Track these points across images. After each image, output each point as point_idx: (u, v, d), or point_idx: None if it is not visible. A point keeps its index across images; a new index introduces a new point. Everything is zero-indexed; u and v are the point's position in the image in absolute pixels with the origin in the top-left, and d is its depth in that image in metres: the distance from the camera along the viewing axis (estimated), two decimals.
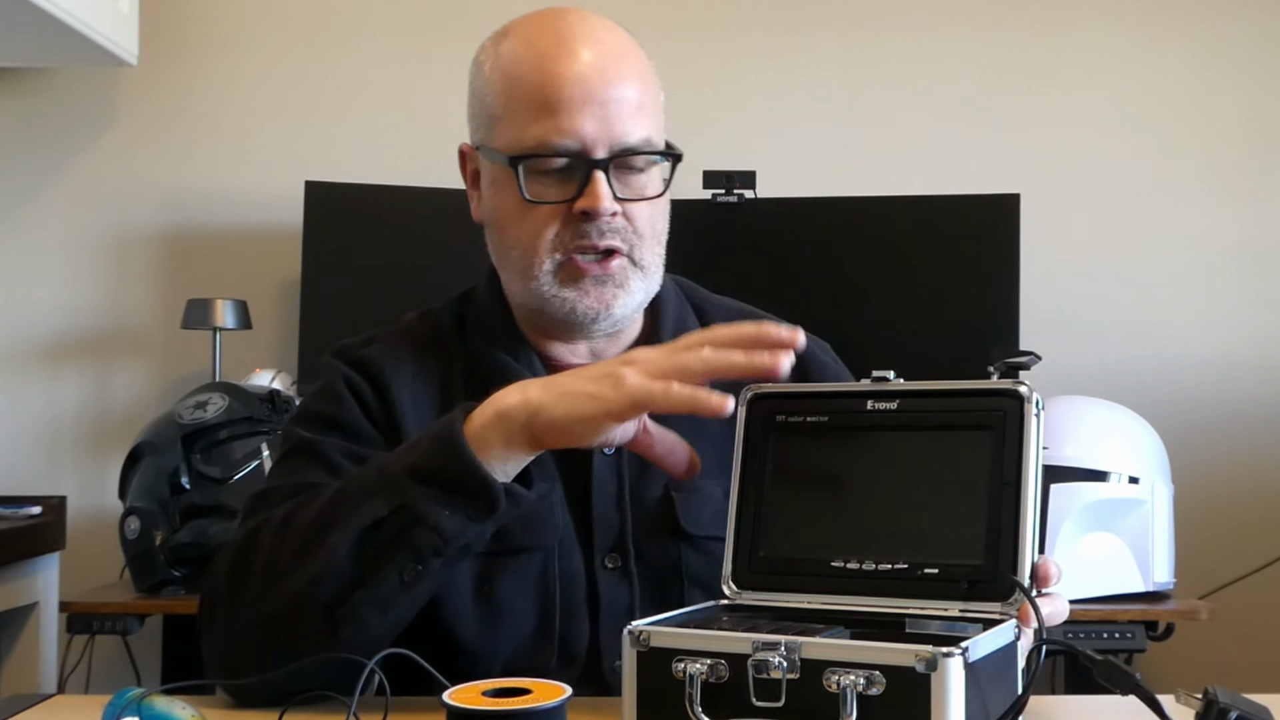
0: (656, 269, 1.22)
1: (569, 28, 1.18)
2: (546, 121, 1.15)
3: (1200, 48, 3.05)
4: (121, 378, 3.03)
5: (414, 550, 1.01)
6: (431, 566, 1.02)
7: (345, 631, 1.02)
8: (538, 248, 1.17)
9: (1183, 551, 2.53)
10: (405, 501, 1.01)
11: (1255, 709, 0.86)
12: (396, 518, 1.01)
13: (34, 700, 1.07)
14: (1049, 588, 0.93)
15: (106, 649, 2.81)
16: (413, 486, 1.01)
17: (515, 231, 1.19)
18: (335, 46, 3.08)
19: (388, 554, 1.02)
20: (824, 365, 1.30)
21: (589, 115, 1.14)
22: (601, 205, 1.15)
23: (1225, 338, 3.00)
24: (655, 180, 1.20)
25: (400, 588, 1.02)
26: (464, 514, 1.01)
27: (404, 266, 2.81)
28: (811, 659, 0.80)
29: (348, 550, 1.02)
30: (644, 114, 1.17)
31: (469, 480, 1.00)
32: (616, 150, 1.15)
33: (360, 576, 1.02)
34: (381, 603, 1.02)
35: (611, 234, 1.16)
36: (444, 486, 1.00)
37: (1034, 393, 0.92)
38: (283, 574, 1.04)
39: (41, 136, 3.06)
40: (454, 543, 1.01)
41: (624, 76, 1.16)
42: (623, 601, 1.17)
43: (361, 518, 1.02)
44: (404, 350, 1.24)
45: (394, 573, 1.02)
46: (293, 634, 1.03)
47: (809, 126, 3.06)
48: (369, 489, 1.04)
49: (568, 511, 1.18)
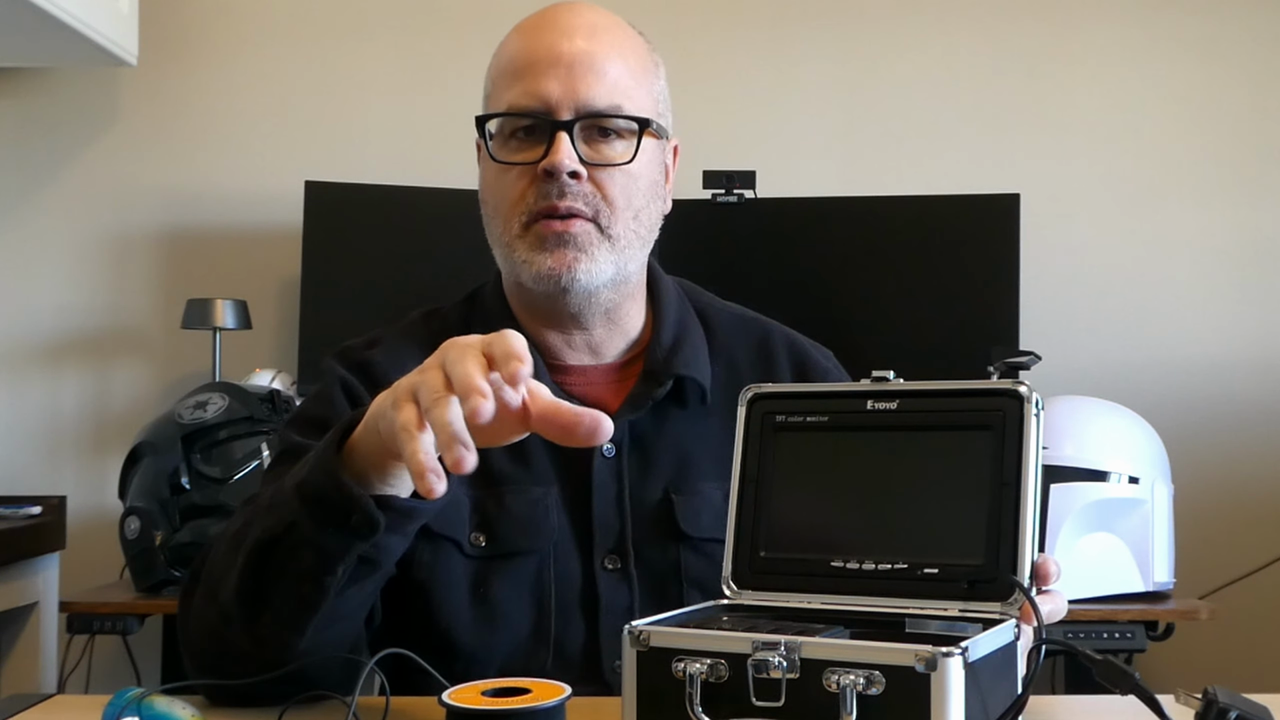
0: (632, 243, 1.20)
1: (557, 11, 1.21)
2: (517, 86, 1.18)
3: (1200, 48, 3.05)
4: (121, 378, 3.03)
5: (305, 570, 0.97)
6: (326, 585, 0.97)
7: (268, 649, 0.99)
8: (509, 211, 1.19)
9: (1183, 551, 2.53)
10: (294, 520, 0.96)
11: (1255, 709, 0.86)
12: (288, 536, 0.97)
13: (34, 700, 1.07)
14: (1048, 585, 0.93)
15: (106, 649, 2.81)
16: (298, 505, 0.96)
17: (493, 199, 1.21)
18: (335, 46, 3.08)
19: (285, 573, 0.98)
20: (826, 372, 1.30)
21: (554, 78, 1.16)
22: (559, 161, 1.15)
23: (1225, 338, 3.00)
24: (630, 151, 1.19)
25: (303, 607, 0.98)
26: (346, 533, 0.95)
27: (404, 266, 2.81)
28: (811, 659, 0.80)
29: (251, 570, 0.99)
30: (619, 87, 1.18)
31: (341, 498, 0.94)
32: (582, 112, 1.17)
33: (265, 596, 0.99)
34: (290, 622, 0.99)
35: (574, 196, 1.17)
36: (322, 505, 0.95)
37: (1034, 393, 0.91)
38: (215, 587, 1.04)
39: (41, 136, 3.06)
40: (341, 562, 0.96)
41: (600, 47, 1.18)
42: (622, 603, 1.17)
43: (261, 535, 0.99)
44: (408, 351, 1.24)
45: (292, 593, 0.98)
46: (230, 645, 1.02)
47: (809, 126, 3.06)
48: (270, 505, 1.01)
49: (566, 514, 1.18)
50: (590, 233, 1.18)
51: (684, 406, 1.23)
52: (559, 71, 1.16)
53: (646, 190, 1.21)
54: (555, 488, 1.19)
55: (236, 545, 1.02)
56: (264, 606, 0.99)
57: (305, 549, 0.96)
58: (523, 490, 1.18)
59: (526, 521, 1.17)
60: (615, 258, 1.19)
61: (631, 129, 1.19)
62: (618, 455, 1.20)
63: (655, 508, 1.20)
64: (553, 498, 1.18)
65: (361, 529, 0.95)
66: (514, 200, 1.18)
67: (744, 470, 1.00)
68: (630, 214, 1.19)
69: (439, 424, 0.83)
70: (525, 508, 1.18)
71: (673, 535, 1.19)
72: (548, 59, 1.17)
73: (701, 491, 1.20)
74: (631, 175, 1.19)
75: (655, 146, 1.22)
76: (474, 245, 1.30)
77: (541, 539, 1.17)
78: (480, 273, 1.32)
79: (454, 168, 2.70)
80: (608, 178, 1.18)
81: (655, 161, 1.23)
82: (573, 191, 1.16)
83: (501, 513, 1.17)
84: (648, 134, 1.20)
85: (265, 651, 0.99)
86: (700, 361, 1.25)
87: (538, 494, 1.18)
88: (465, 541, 1.16)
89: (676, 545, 1.19)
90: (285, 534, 0.97)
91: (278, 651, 0.99)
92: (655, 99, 1.23)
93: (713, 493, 1.19)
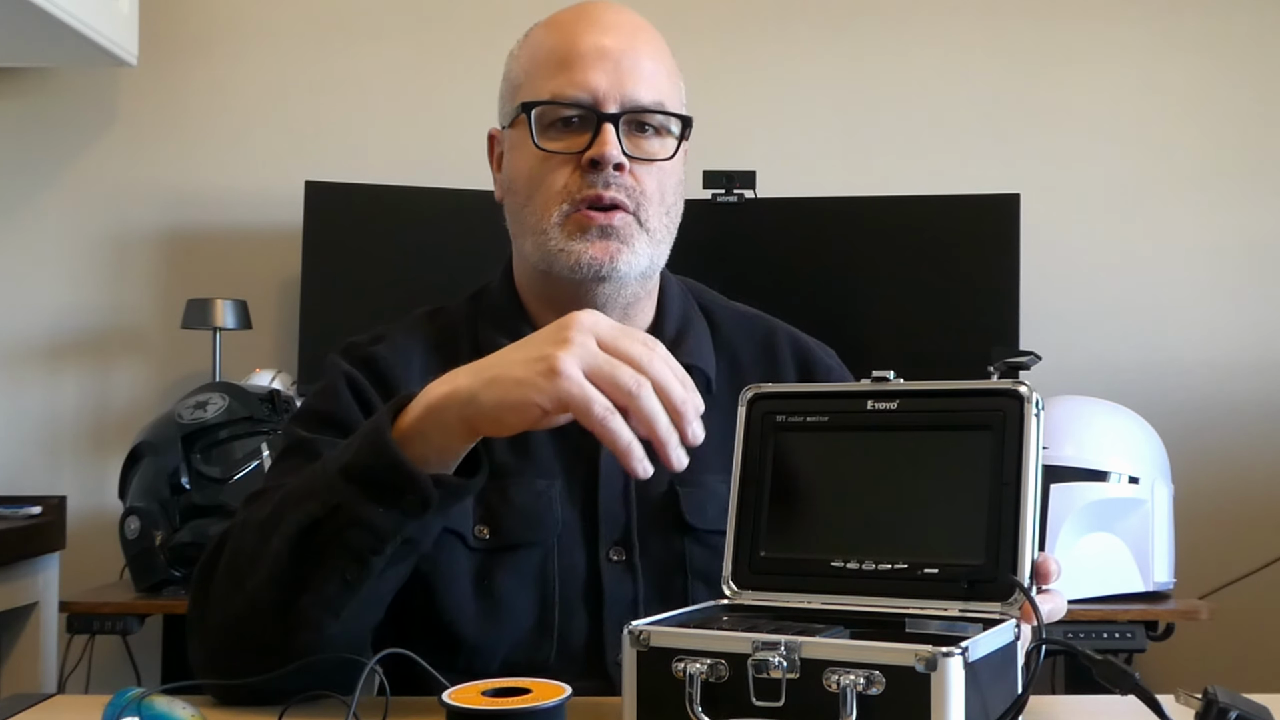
0: (664, 238, 1.23)
1: (594, 7, 1.24)
2: (561, 76, 1.19)
3: (1200, 48, 3.05)
4: (121, 378, 3.03)
5: (351, 550, 0.99)
6: (373, 566, 1.00)
7: (300, 636, 1.01)
8: (547, 199, 1.20)
9: (1183, 551, 2.53)
10: (339, 502, 0.99)
11: (1255, 709, 0.86)
12: (332, 519, 0.99)
13: (34, 700, 1.07)
14: (1049, 584, 0.93)
15: (106, 649, 2.81)
16: (345, 486, 0.99)
17: (529, 187, 1.21)
18: (335, 46, 3.08)
19: (328, 555, 1.00)
20: (829, 370, 1.31)
21: (602, 70, 1.18)
22: (608, 152, 1.17)
23: (1225, 338, 3.00)
24: (668, 147, 1.22)
25: (345, 588, 1.01)
26: (398, 511, 0.99)
27: (404, 266, 2.81)
28: (811, 659, 0.80)
29: (289, 554, 1.01)
30: (658, 82, 1.21)
31: (397, 477, 0.98)
32: (628, 107, 1.19)
33: (304, 579, 1.01)
34: (329, 605, 1.01)
35: (618, 188, 1.18)
36: (374, 485, 0.98)
37: (1034, 393, 0.92)
38: (240, 577, 1.04)
39: (41, 136, 3.06)
40: (390, 540, 1.00)
41: (641, 45, 1.21)
42: (627, 595, 1.17)
43: (300, 519, 1.01)
44: (413, 347, 1.24)
45: (336, 574, 1.00)
46: (254, 637, 1.03)
47: (809, 126, 3.06)
48: (307, 490, 1.02)
49: (570, 506, 1.19)
50: (631, 224, 1.19)
51: None
52: (606, 65, 1.18)
53: (675, 187, 1.24)
54: (559, 480, 1.19)
55: (265, 533, 1.03)
56: (301, 590, 1.01)
57: (353, 529, 0.99)
58: (527, 482, 1.18)
59: (530, 514, 1.17)
60: (651, 250, 1.21)
61: (671, 126, 1.22)
62: None
63: (660, 500, 1.20)
64: (557, 490, 1.19)
65: (414, 507, 0.98)
66: (556, 189, 1.19)
67: (744, 470, 1.00)
68: (664, 209, 1.22)
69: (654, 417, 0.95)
70: (529, 500, 1.18)
71: (678, 527, 1.19)
72: (595, 52, 1.19)
73: (706, 484, 1.20)
74: (667, 171, 1.22)
75: (684, 147, 1.25)
76: (474, 245, 1.30)
77: (545, 531, 1.17)
78: (480, 272, 1.32)
79: (454, 168, 2.70)
80: (647, 172, 1.20)
81: (682, 161, 1.26)
82: (617, 183, 1.18)
83: (505, 505, 1.17)
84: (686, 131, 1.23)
85: (293, 640, 1.01)
86: (705, 352, 1.26)
87: (542, 486, 1.19)
88: (469, 534, 1.16)
89: (681, 537, 1.19)
90: (328, 517, 0.99)
91: (307, 637, 1.01)
92: (682, 100, 1.26)
93: (718, 485, 1.19)
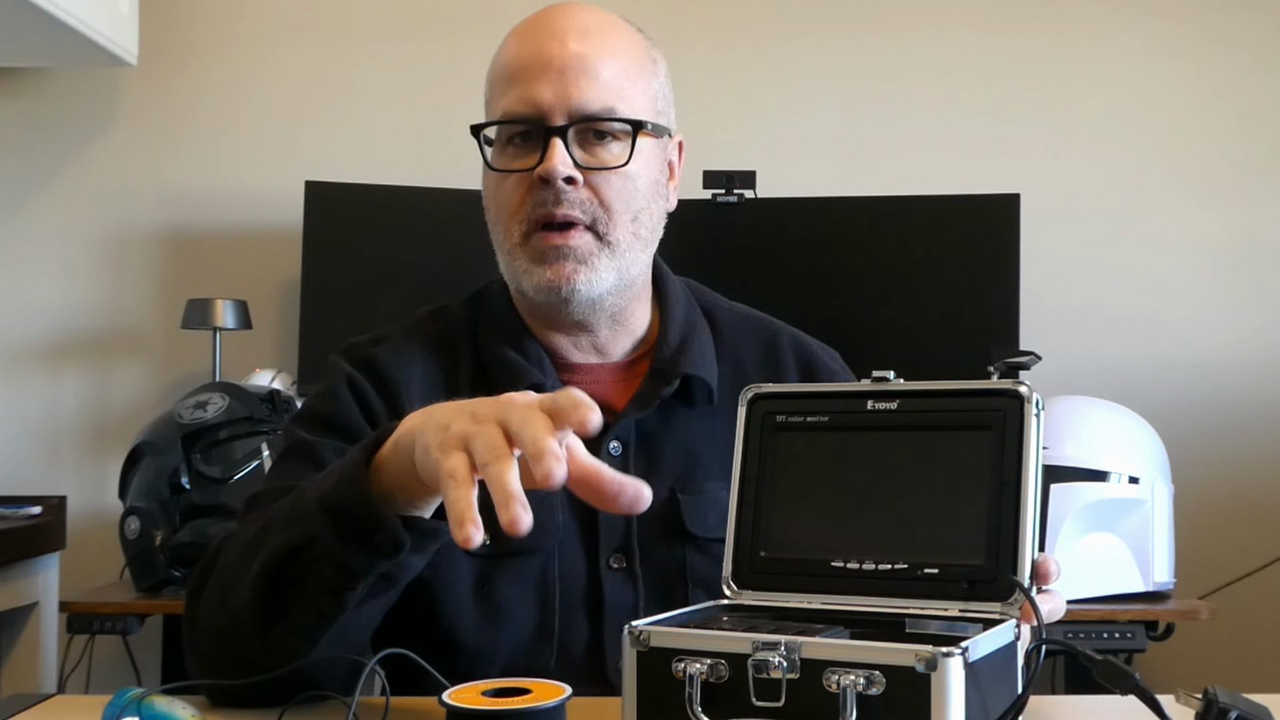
0: (632, 249, 1.20)
1: (551, 13, 1.21)
2: (510, 92, 1.18)
3: (1200, 48, 3.05)
4: (121, 378, 3.03)
5: (325, 584, 0.97)
6: (346, 601, 0.97)
7: (277, 659, 0.99)
8: (506, 220, 1.19)
9: (1183, 551, 2.53)
10: (315, 533, 0.96)
11: (1255, 709, 0.86)
12: (309, 549, 0.97)
13: (34, 700, 1.07)
14: (1048, 585, 0.93)
15: (106, 649, 2.81)
16: (321, 519, 0.96)
17: (492, 207, 1.22)
18: (335, 46, 3.08)
19: (303, 586, 0.98)
20: (832, 373, 1.30)
21: (545, 83, 1.16)
22: (553, 168, 1.14)
23: (1226, 338, 3.00)
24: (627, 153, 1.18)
25: (319, 620, 0.98)
26: (369, 551, 0.95)
27: (404, 266, 2.81)
28: (811, 659, 0.80)
29: (266, 580, 0.99)
30: (612, 88, 1.17)
31: (368, 517, 0.94)
32: (575, 117, 1.16)
33: (281, 606, 0.99)
34: (303, 634, 0.99)
35: (570, 204, 1.16)
36: (347, 521, 0.95)
37: (1034, 393, 0.91)
38: (225, 594, 1.03)
39: (41, 136, 3.06)
40: (364, 578, 0.96)
41: (593, 50, 1.17)
42: (627, 602, 1.17)
43: (279, 546, 0.98)
44: (414, 349, 1.24)
45: (309, 606, 0.98)
46: (239, 651, 1.02)
47: (809, 126, 3.06)
48: (291, 514, 1.00)
49: (571, 513, 1.18)
50: (588, 242, 1.17)
51: (691, 406, 1.23)
52: (550, 76, 1.16)
53: (646, 191, 1.20)
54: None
55: (252, 552, 1.01)
56: (278, 617, 0.99)
57: (326, 563, 0.96)
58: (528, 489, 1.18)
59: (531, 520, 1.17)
60: (616, 264, 1.19)
61: (626, 131, 1.18)
62: (624, 454, 1.20)
63: (661, 507, 1.19)
64: (558, 496, 1.18)
65: (386, 548, 0.95)
66: (513, 209, 1.18)
67: (744, 470, 1.00)
68: (629, 217, 1.19)
69: (499, 483, 0.82)
70: (530, 506, 1.17)
71: (679, 535, 1.19)
72: (539, 63, 1.16)
73: (707, 491, 1.20)
74: (629, 177, 1.18)
75: (654, 145, 1.22)
76: (474, 245, 1.30)
77: (546, 538, 1.16)
78: (481, 273, 1.32)
79: (454, 168, 2.70)
80: (604, 182, 1.17)
81: (655, 161, 1.22)
82: (569, 199, 1.16)
83: None
84: (643, 134, 1.19)
85: (274, 659, 0.99)
86: (707, 361, 1.25)
87: (543, 492, 1.17)
88: None
89: (682, 545, 1.19)
90: (306, 546, 0.97)
91: (287, 660, 0.99)
92: (653, 97, 1.22)
93: (719, 492, 1.18)
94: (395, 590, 1.03)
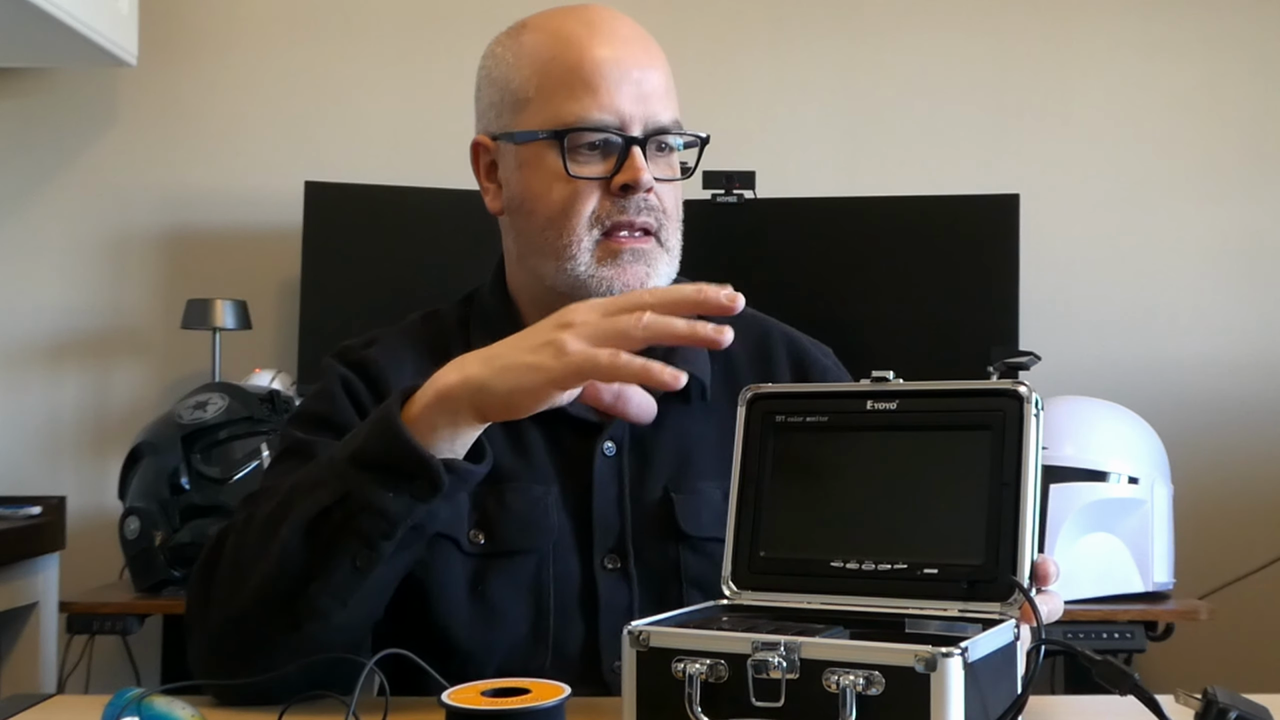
0: (678, 254, 1.24)
1: (597, 15, 1.22)
2: (586, 99, 1.18)
3: (1200, 47, 3.05)
4: (121, 378, 3.03)
5: (362, 536, 1.00)
6: (382, 550, 1.01)
7: (307, 625, 1.02)
8: (576, 225, 1.19)
9: (1183, 551, 2.53)
10: (350, 489, 1.00)
11: (1255, 709, 0.86)
12: (342, 506, 1.00)
13: (34, 700, 1.07)
14: (1047, 586, 0.93)
15: (106, 649, 2.81)
16: (356, 473, 1.00)
17: (549, 210, 1.20)
18: (335, 46, 3.08)
19: (337, 542, 1.01)
20: (825, 370, 1.30)
21: (626, 94, 1.18)
22: (642, 178, 1.18)
23: (1225, 337, 3.00)
24: (678, 164, 1.24)
25: (354, 574, 1.02)
26: (408, 495, 1.00)
27: (404, 266, 2.82)
28: (811, 659, 0.80)
29: (298, 542, 1.02)
30: (670, 98, 1.22)
31: (408, 462, 0.99)
32: (651, 129, 1.19)
33: (313, 567, 1.02)
34: (337, 591, 1.02)
35: (647, 211, 1.19)
36: (385, 470, 0.99)
37: (1034, 393, 0.92)
38: (244, 572, 1.05)
39: (41, 136, 3.06)
40: (400, 524, 1.01)
41: (652, 61, 1.21)
42: (622, 602, 1.17)
43: (309, 508, 1.02)
44: (405, 351, 1.24)
45: (345, 560, 1.01)
46: (259, 631, 1.03)
47: (809, 126, 3.06)
48: (316, 480, 1.03)
49: (565, 513, 1.18)
50: (654, 247, 1.21)
51: (684, 404, 1.23)
52: (629, 86, 1.18)
53: (682, 199, 1.26)
54: (555, 486, 1.19)
55: (271, 528, 1.04)
56: (309, 579, 1.02)
57: (364, 515, 1.00)
58: (523, 488, 1.18)
59: (526, 520, 1.17)
60: (670, 269, 1.22)
61: (691, 143, 1.24)
62: (618, 454, 1.20)
63: (655, 507, 1.20)
64: (553, 496, 1.18)
65: (424, 491, 0.99)
66: (586, 214, 1.18)
67: (744, 470, 1.00)
68: (679, 224, 1.24)
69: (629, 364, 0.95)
70: (525, 506, 1.18)
71: (673, 535, 1.19)
72: (615, 71, 1.18)
73: (701, 490, 1.20)
74: (678, 188, 1.24)
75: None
76: (474, 245, 1.30)
77: (541, 538, 1.17)
78: (480, 273, 1.32)
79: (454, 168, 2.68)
80: (668, 191, 1.22)
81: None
82: (646, 206, 1.19)
83: (501, 511, 1.17)
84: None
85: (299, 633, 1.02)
86: (700, 358, 1.25)
87: (538, 492, 1.18)
88: (464, 539, 1.16)
89: (676, 545, 1.19)
90: (338, 504, 1.00)
91: (313, 628, 1.02)
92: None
93: (712, 491, 1.19)
94: (421, 544, 1.06)
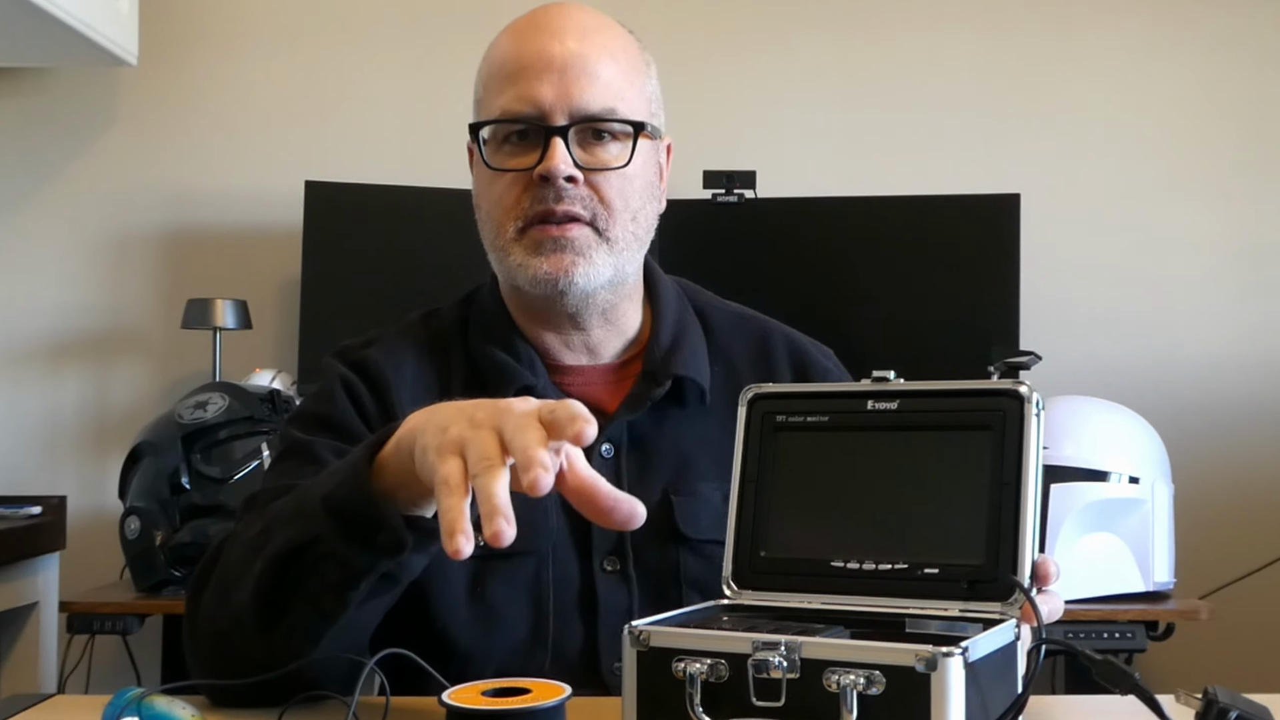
0: (629, 245, 1.20)
1: (547, 13, 1.21)
2: (509, 91, 1.18)
3: (1201, 47, 3.05)
4: (121, 378, 3.03)
5: (328, 583, 0.97)
6: (348, 600, 0.98)
7: (280, 657, 0.99)
8: (502, 216, 1.19)
9: (1183, 551, 2.53)
10: (319, 533, 0.96)
11: (1255, 709, 0.86)
12: (312, 548, 0.97)
13: (34, 700, 1.07)
14: (1048, 586, 0.93)
15: (106, 649, 2.81)
16: (324, 519, 0.96)
17: (486, 205, 1.22)
18: (335, 46, 3.08)
19: (306, 585, 0.98)
20: (825, 371, 1.30)
21: (547, 82, 1.16)
22: (555, 167, 1.15)
23: (1225, 337, 3.01)
24: (627, 154, 1.19)
25: (321, 619, 0.99)
26: (372, 550, 0.95)
27: (404, 266, 2.82)
28: (811, 659, 0.80)
29: (269, 579, 0.99)
30: (612, 89, 1.18)
31: (371, 516, 0.94)
32: (576, 118, 1.17)
33: (283, 605, 0.99)
34: (307, 633, 0.99)
35: (570, 200, 1.17)
36: (350, 521, 0.95)
37: (1034, 393, 0.91)
38: (227, 592, 1.03)
39: (41, 136, 3.06)
40: (366, 577, 0.97)
41: (591, 49, 1.18)
42: (621, 604, 1.17)
43: (282, 544, 0.98)
44: (405, 351, 1.24)
45: (311, 605, 0.98)
46: (241, 651, 1.02)
47: (809, 126, 3.06)
48: (295, 512, 1.00)
49: (565, 515, 1.18)
50: (587, 236, 1.18)
51: (683, 407, 1.23)
52: (551, 75, 1.16)
53: (642, 191, 1.21)
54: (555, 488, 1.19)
55: (254, 551, 1.01)
56: (281, 616, 0.99)
57: (329, 562, 0.96)
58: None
59: (526, 522, 1.16)
60: (613, 260, 1.19)
61: (627, 131, 1.19)
62: (616, 456, 1.20)
63: (654, 509, 1.18)
64: (552, 499, 1.17)
65: (388, 547, 0.95)
66: (509, 206, 1.18)
67: (744, 470, 0.99)
68: (628, 216, 1.20)
69: (486, 493, 0.82)
70: (525, 508, 1.17)
71: (672, 537, 1.19)
72: (539, 62, 1.17)
73: (700, 493, 1.20)
74: (628, 178, 1.19)
75: (649, 147, 1.22)
76: (474, 245, 1.30)
77: (540, 540, 1.17)
78: (480, 273, 1.32)
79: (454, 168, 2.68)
80: (604, 181, 1.18)
81: (650, 162, 1.23)
82: (569, 196, 1.17)
83: None
84: (643, 136, 1.20)
85: (275, 658, 0.99)
86: (699, 361, 1.25)
87: None
88: None
89: (675, 547, 1.19)
90: (310, 545, 0.97)
91: (288, 659, 0.99)
92: (648, 99, 1.23)
93: (712, 494, 1.19)
94: (397, 590, 1.03)
